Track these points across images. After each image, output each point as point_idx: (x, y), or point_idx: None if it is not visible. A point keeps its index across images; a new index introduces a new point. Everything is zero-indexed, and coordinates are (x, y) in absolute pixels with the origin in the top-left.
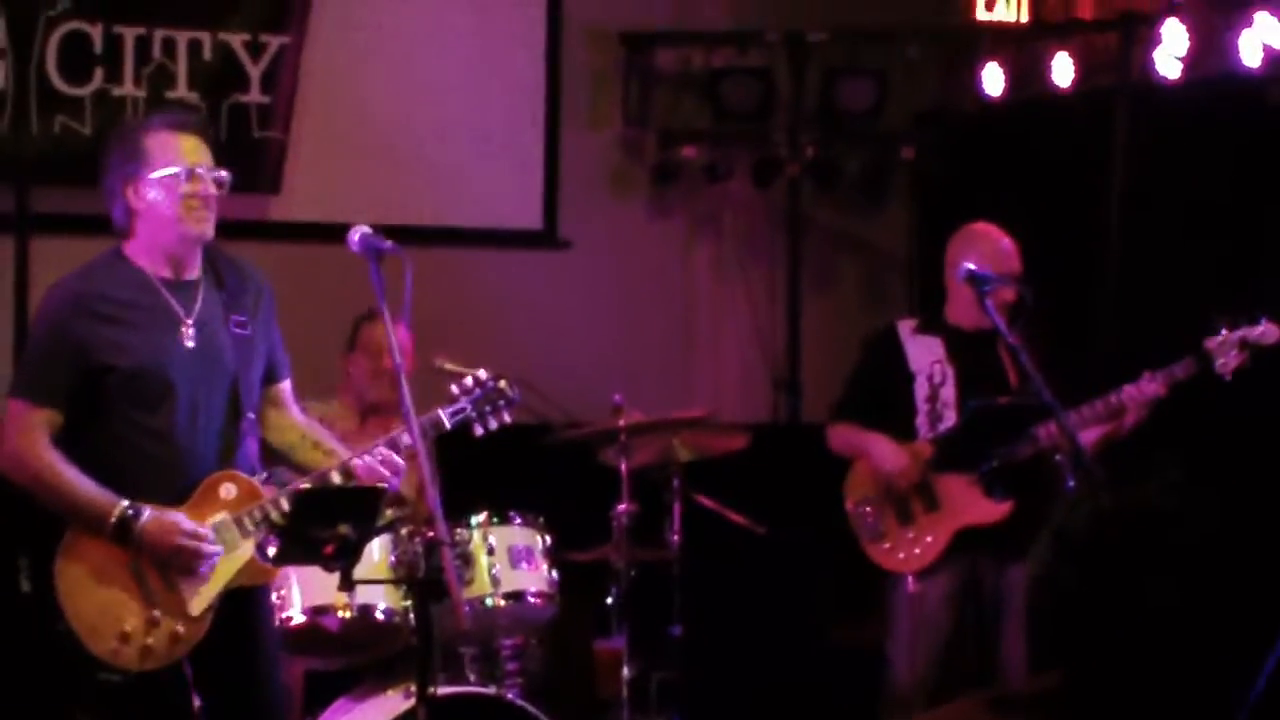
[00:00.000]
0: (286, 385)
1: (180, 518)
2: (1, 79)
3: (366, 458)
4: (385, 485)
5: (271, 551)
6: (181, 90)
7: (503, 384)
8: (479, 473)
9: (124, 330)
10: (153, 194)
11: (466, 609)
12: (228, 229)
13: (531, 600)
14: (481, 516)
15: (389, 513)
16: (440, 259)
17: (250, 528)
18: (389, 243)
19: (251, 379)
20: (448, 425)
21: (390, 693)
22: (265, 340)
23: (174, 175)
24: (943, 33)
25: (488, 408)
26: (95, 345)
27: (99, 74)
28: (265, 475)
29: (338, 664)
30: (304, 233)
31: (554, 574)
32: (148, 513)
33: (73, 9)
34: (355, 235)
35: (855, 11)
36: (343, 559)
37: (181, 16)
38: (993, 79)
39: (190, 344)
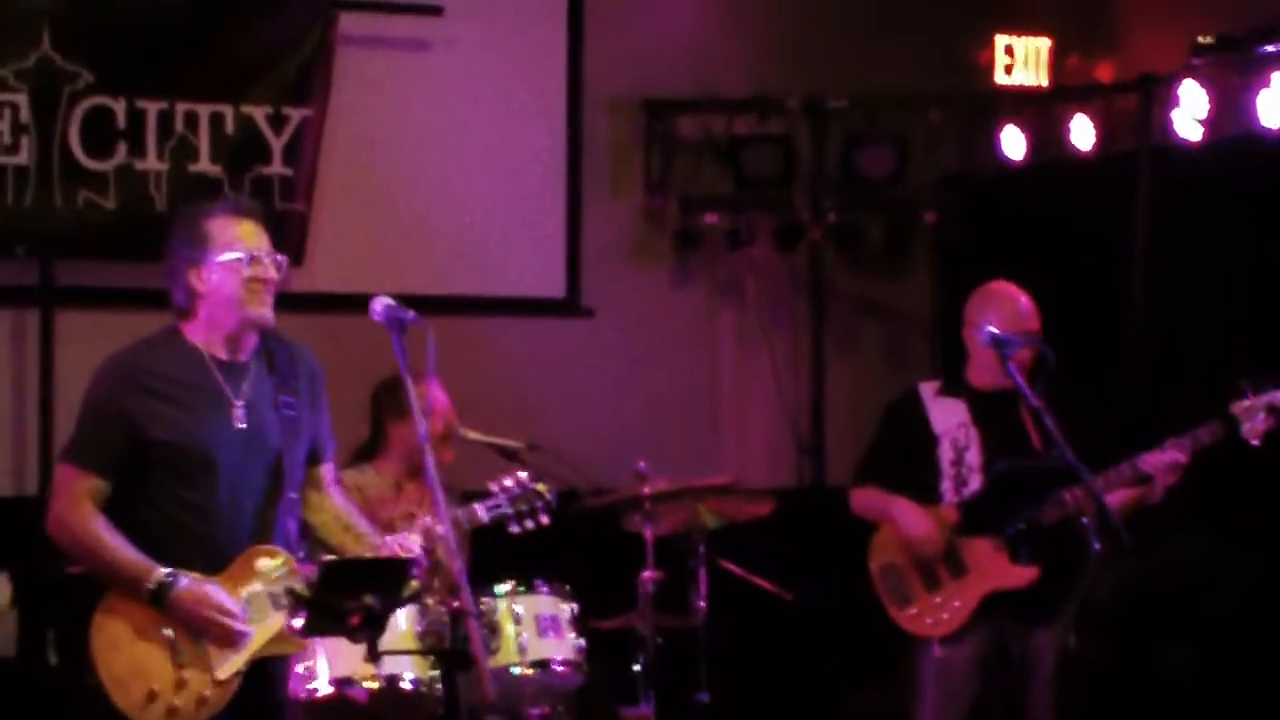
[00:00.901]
0: (329, 468)
1: (215, 590)
2: (26, 154)
3: (392, 544)
4: (412, 559)
5: (298, 623)
6: (204, 163)
7: (541, 486)
8: (504, 541)
9: (174, 407)
10: (216, 277)
11: (492, 678)
12: None
13: (558, 669)
14: (508, 585)
15: (413, 583)
16: (464, 328)
17: (283, 601)
18: (411, 313)
19: (296, 459)
20: (484, 520)
21: None
22: (312, 422)
23: (237, 259)
24: (963, 97)
25: (524, 508)
26: (144, 419)
27: (122, 148)
28: (302, 554)
29: None
30: (327, 304)
31: (580, 642)
32: (184, 582)
33: (95, 84)
34: (378, 306)
35: (875, 78)
36: (369, 630)
37: (204, 90)
38: (1013, 142)
39: (240, 425)
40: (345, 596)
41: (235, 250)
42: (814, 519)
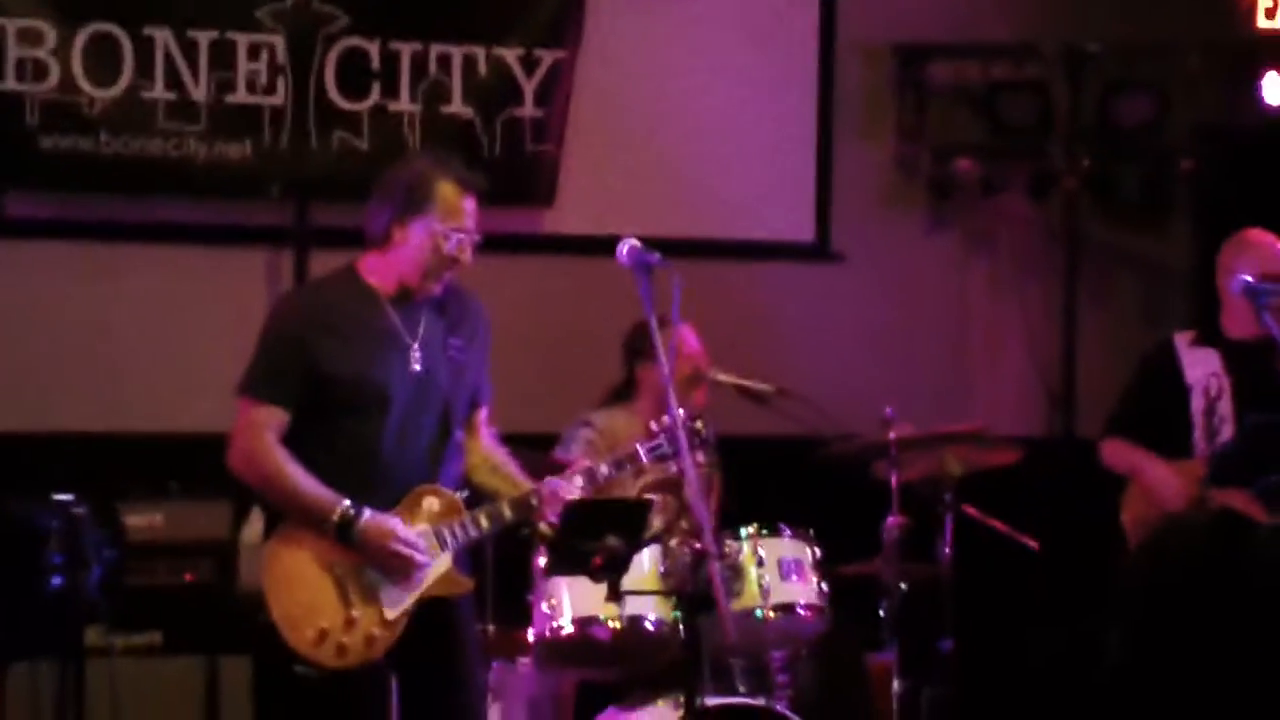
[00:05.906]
0: (483, 412)
1: (397, 524)
2: (281, 95)
3: (553, 484)
4: (651, 500)
5: (541, 562)
6: (456, 105)
7: (699, 424)
8: (750, 485)
9: (350, 344)
10: (418, 238)
11: (734, 621)
12: (502, 242)
13: (801, 613)
14: (751, 528)
15: (656, 523)
16: (711, 272)
17: (449, 540)
18: (657, 256)
19: (461, 401)
20: (645, 460)
21: (660, 703)
22: (477, 367)
23: (445, 236)
24: (1223, 43)
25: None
26: (323, 354)
27: (375, 90)
28: (467, 492)
29: (609, 675)
30: (576, 246)
31: (824, 586)
32: (367, 514)
33: (351, 26)
34: (624, 249)
35: (1134, 23)
36: (611, 571)
37: (457, 32)
38: (1274, 89)
39: (416, 366)
40: (588, 538)
41: (451, 222)
42: (1063, 469)
